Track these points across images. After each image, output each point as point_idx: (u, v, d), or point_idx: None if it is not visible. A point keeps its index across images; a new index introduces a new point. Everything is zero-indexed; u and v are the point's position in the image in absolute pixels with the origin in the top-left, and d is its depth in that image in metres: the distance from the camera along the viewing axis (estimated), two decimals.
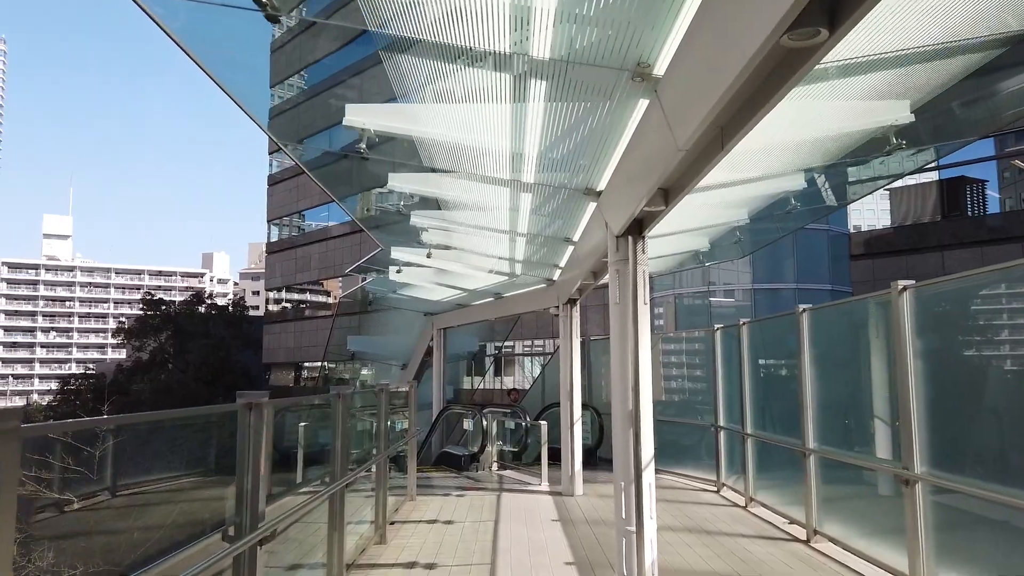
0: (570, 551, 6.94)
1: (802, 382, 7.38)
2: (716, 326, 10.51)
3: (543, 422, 11.12)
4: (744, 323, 9.30)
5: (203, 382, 45.14)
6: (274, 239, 47.83)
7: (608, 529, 7.88)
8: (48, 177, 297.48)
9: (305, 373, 46.46)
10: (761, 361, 9.17)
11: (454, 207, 8.00)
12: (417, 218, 8.94)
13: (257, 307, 63.02)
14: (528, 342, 33.93)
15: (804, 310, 7.57)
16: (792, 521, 7.96)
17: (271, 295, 49.80)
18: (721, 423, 10.15)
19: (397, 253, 11.19)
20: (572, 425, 10.04)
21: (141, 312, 49.60)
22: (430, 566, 6.48)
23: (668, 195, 4.49)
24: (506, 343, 34.27)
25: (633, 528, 5.09)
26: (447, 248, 10.35)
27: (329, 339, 28.85)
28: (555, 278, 10.47)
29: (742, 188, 6.48)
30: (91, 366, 57.85)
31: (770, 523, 8.10)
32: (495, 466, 12.63)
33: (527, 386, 33.70)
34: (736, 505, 9.18)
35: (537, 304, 11.39)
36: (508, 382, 35.56)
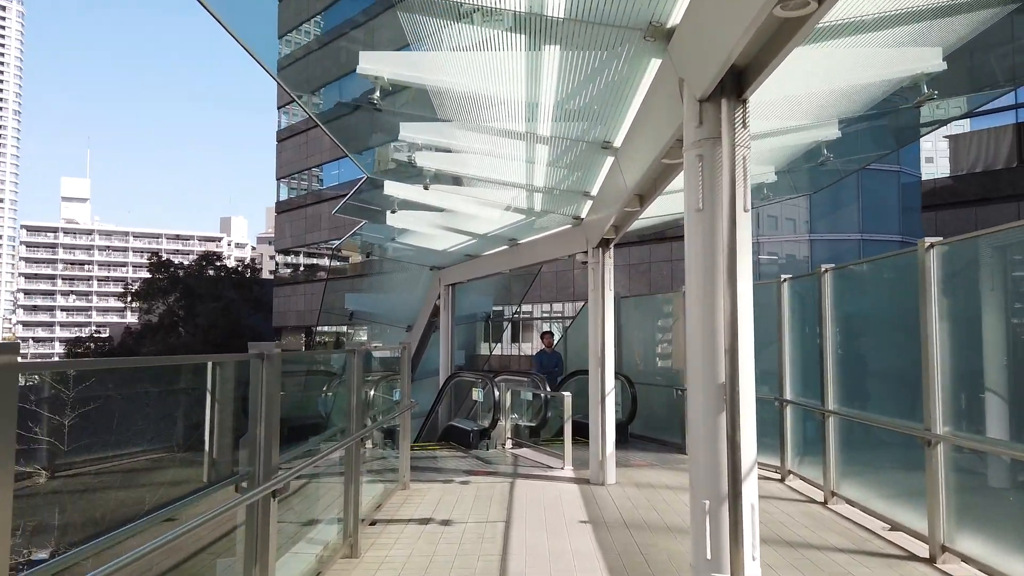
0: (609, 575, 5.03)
1: (928, 347, 5.34)
2: (783, 276, 8.48)
3: (566, 393, 9.19)
4: (827, 270, 7.27)
5: (212, 345, 43.82)
6: (283, 198, 46.01)
7: (655, 537, 5.97)
8: (66, 140, 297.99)
9: (317, 338, 44.95)
10: (851, 320, 7.14)
11: (468, 153, 7.38)
12: (423, 158, 7.29)
13: (274, 269, 61.60)
14: (546, 306, 32.01)
15: (931, 245, 5.51)
16: (895, 527, 6.00)
17: (280, 258, 48.17)
18: (788, 396, 8.17)
19: (392, 188, 9.22)
20: (603, 397, 8.11)
21: (148, 274, 48.27)
22: None
23: None
24: (523, 306, 32.35)
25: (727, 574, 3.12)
26: (454, 180, 8.38)
27: (323, 297, 26.98)
28: (583, 215, 8.45)
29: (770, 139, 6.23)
30: (101, 330, 56.87)
31: (867, 528, 6.15)
32: (509, 443, 10.78)
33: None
34: (812, 501, 7.24)
35: (561, 249, 9.38)
36: (526, 348, 33.70)
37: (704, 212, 3.31)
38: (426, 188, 8.04)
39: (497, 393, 10.51)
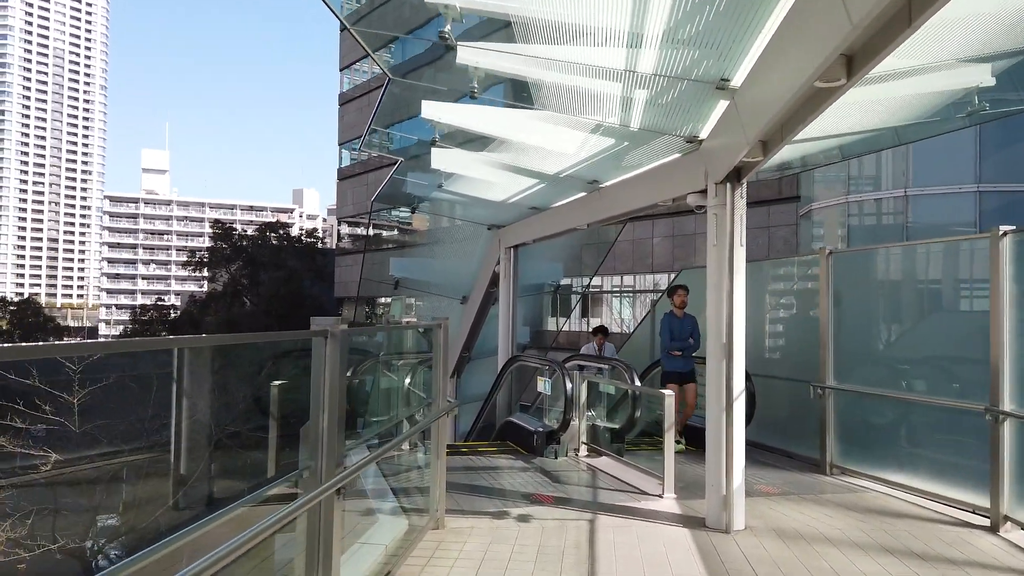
0: None
1: None
2: (1002, 228, 5.68)
3: (668, 392, 6.61)
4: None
5: (274, 316, 42.82)
6: (346, 164, 44.33)
7: None
8: (146, 113, 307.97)
9: (380, 310, 43.36)
10: None
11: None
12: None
13: (341, 237, 60.52)
14: (617, 279, 29.21)
15: None
16: None
17: (345, 228, 46.67)
18: (1008, 407, 5.44)
19: (431, 110, 6.76)
20: (730, 403, 5.52)
21: (212, 242, 47.65)
22: None
23: None
24: (595, 278, 29.65)
25: None
26: (521, 86, 5.89)
27: (362, 264, 24.88)
28: (703, 133, 5.80)
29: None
30: (164, 297, 56.99)
31: None
32: (583, 450, 8.31)
33: (619, 330, 29.05)
34: None
35: (662, 190, 6.72)
36: (596, 324, 31.09)
37: None
38: (473, 95, 5.55)
39: (569, 385, 8.03)
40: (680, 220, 25.52)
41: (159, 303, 48.46)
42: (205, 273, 47.81)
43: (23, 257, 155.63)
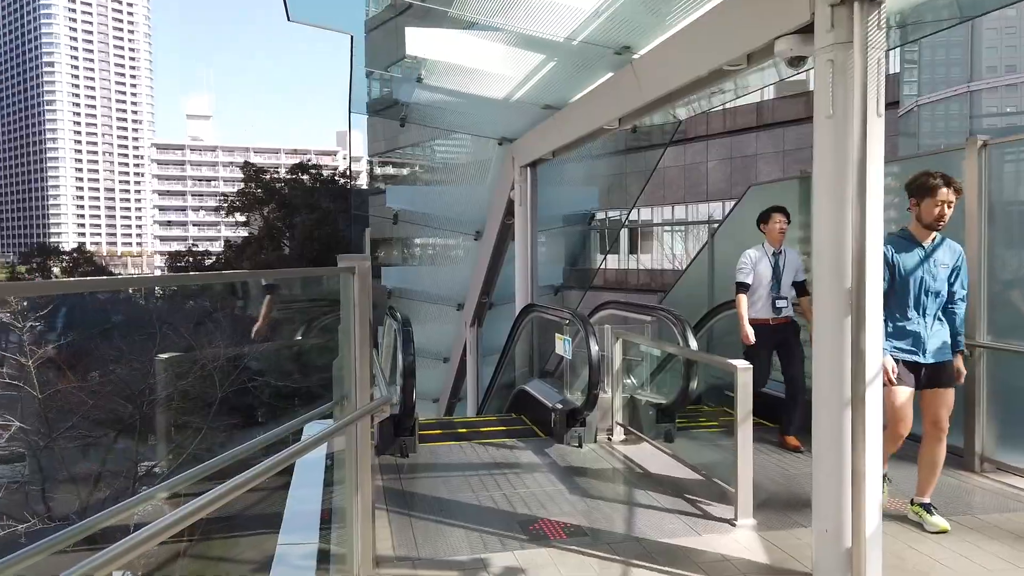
0: None
1: None
2: None
3: (741, 363, 4.24)
4: None
5: (308, 259, 41.35)
6: (375, 96, 41.75)
7: None
8: (189, 58, 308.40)
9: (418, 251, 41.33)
10: None
11: None
12: None
13: (375, 176, 58.49)
14: (668, 210, 26.42)
15: None
16: None
17: (379, 169, 44.44)
18: None
19: None
20: (858, 386, 3.16)
21: (243, 184, 46.22)
22: None
23: None
24: (640, 211, 26.92)
25: None
26: None
27: (350, 196, 22.66)
28: None
29: None
30: (197, 243, 56.26)
31: None
32: (618, 432, 6.08)
33: (668, 266, 26.42)
34: None
35: (733, 42, 4.15)
36: (646, 262, 28.47)
37: None
38: None
39: (595, 347, 5.73)
40: (739, 140, 22.50)
41: (192, 248, 47.52)
42: (240, 217, 46.54)
43: (82, 208, 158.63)
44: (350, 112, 10.43)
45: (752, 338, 5.56)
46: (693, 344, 5.75)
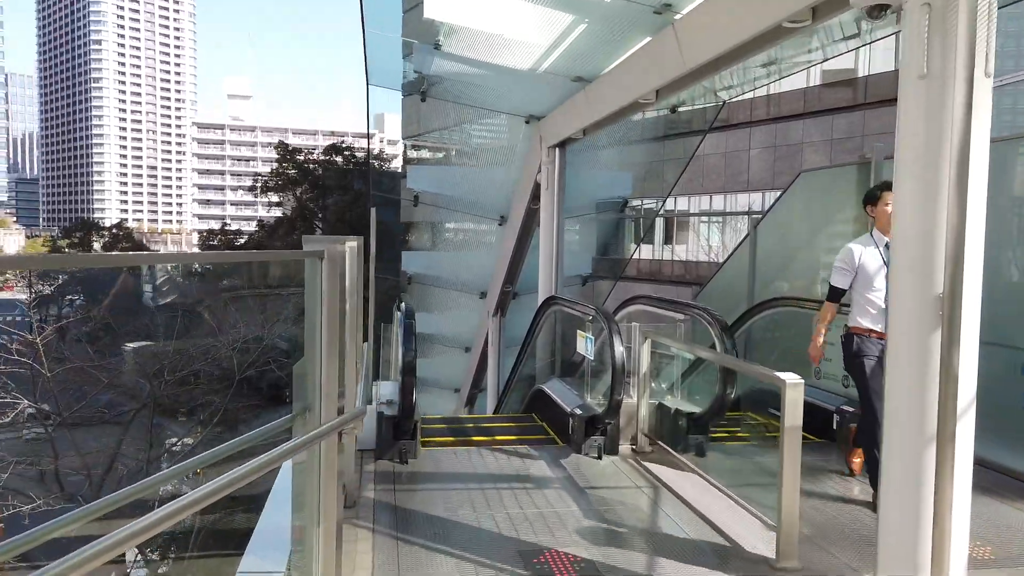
0: None
1: None
2: None
3: (791, 379, 3.56)
4: None
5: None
6: (410, 79, 41.23)
7: None
8: (229, 39, 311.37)
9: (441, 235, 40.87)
10: None
11: None
12: None
13: (408, 159, 58.24)
14: (705, 198, 25.45)
15: None
16: None
17: (413, 152, 43.98)
18: None
19: None
20: (948, 415, 2.49)
21: (276, 164, 46.19)
22: None
23: None
24: (676, 200, 26.01)
25: None
26: None
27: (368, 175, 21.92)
28: None
29: None
30: (229, 222, 56.58)
31: None
32: (643, 443, 5.46)
33: (704, 258, 25.48)
34: None
35: None
36: (681, 253, 27.57)
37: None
38: None
39: (619, 348, 5.09)
40: (784, 127, 21.47)
41: (225, 228, 47.74)
42: (273, 198, 46.58)
43: (125, 185, 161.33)
44: (368, 84, 9.89)
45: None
46: (731, 347, 5.08)
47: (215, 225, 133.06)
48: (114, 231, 77.65)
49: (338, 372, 2.68)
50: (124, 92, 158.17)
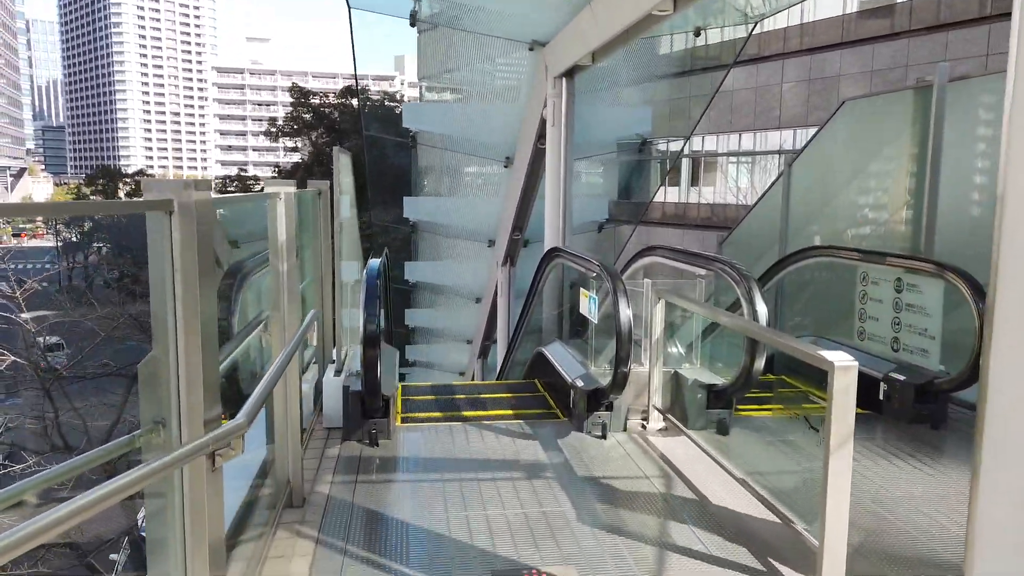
0: None
1: None
2: None
3: (842, 360, 2.73)
4: None
5: (356, 187, 40.30)
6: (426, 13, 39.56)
7: None
8: None
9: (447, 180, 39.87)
10: None
11: None
12: None
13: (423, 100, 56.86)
14: (734, 137, 24.10)
15: None
16: None
17: (429, 94, 42.59)
18: None
19: None
20: None
21: (291, 108, 45.19)
22: None
23: None
24: (708, 137, 24.71)
25: None
26: None
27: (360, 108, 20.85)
28: None
29: None
30: (244, 168, 55.98)
31: None
32: (656, 418, 4.70)
33: (732, 200, 24.26)
34: None
35: None
36: (708, 195, 26.34)
37: None
38: None
39: (626, 311, 4.29)
40: (819, 59, 19.96)
41: (240, 174, 47.16)
42: (288, 143, 45.72)
43: (149, 131, 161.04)
44: (349, 7, 8.89)
45: None
46: (763, 311, 4.25)
47: (236, 171, 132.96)
48: (137, 178, 77.63)
49: (207, 370, 1.92)
50: (144, 36, 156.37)
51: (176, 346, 1.87)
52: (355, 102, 44.84)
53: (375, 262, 4.46)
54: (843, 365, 2.71)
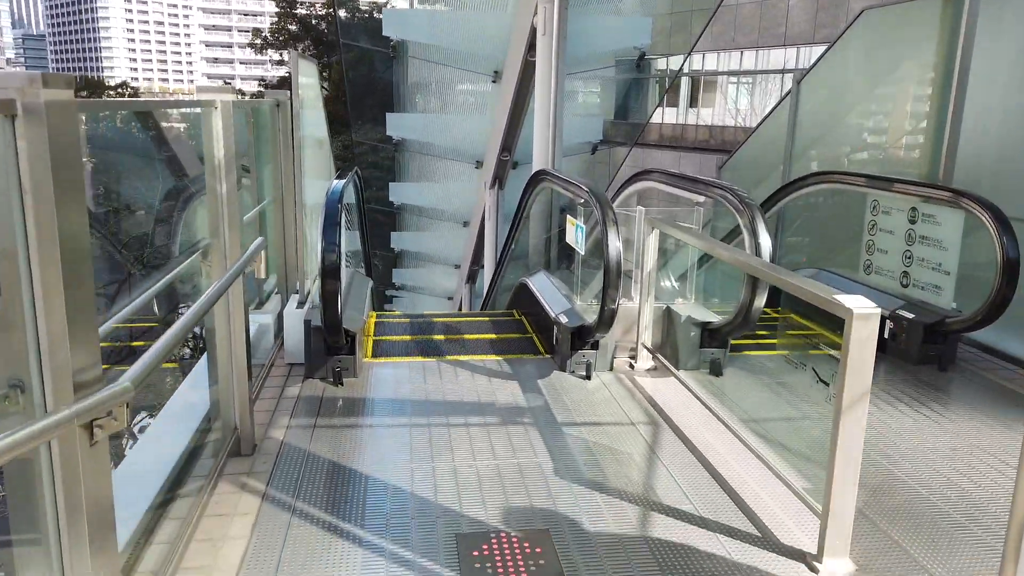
0: None
1: None
2: None
3: (860, 305, 2.35)
4: None
5: (342, 101, 39.06)
6: None
7: None
8: None
9: (431, 96, 38.64)
10: None
11: None
12: None
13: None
14: (736, 57, 23.14)
15: None
16: None
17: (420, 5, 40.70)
18: None
19: None
20: None
21: (277, 19, 43.26)
22: None
23: None
24: (704, 56, 23.72)
25: None
26: None
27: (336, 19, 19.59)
28: None
29: None
30: (230, 81, 54.19)
31: None
32: (644, 358, 4.37)
33: (730, 122, 23.43)
34: None
35: None
36: (706, 116, 25.46)
37: None
38: None
39: (615, 242, 3.88)
40: None
41: (223, 87, 45.42)
42: (275, 55, 43.91)
43: (133, 42, 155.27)
44: None
45: None
46: (766, 245, 3.85)
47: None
48: (119, 90, 75.19)
49: (78, 320, 1.52)
50: None
51: (32, 290, 1.46)
52: (342, 13, 42.94)
53: (339, 183, 4.00)
54: (863, 312, 2.33)
